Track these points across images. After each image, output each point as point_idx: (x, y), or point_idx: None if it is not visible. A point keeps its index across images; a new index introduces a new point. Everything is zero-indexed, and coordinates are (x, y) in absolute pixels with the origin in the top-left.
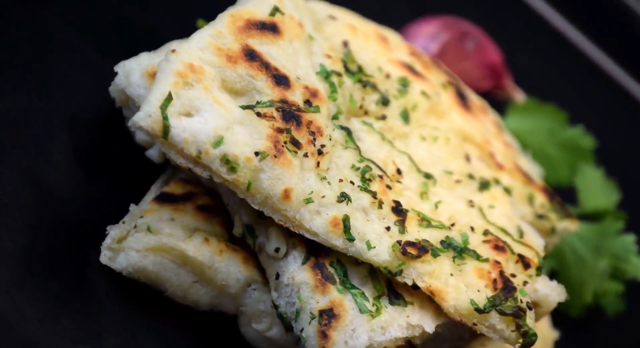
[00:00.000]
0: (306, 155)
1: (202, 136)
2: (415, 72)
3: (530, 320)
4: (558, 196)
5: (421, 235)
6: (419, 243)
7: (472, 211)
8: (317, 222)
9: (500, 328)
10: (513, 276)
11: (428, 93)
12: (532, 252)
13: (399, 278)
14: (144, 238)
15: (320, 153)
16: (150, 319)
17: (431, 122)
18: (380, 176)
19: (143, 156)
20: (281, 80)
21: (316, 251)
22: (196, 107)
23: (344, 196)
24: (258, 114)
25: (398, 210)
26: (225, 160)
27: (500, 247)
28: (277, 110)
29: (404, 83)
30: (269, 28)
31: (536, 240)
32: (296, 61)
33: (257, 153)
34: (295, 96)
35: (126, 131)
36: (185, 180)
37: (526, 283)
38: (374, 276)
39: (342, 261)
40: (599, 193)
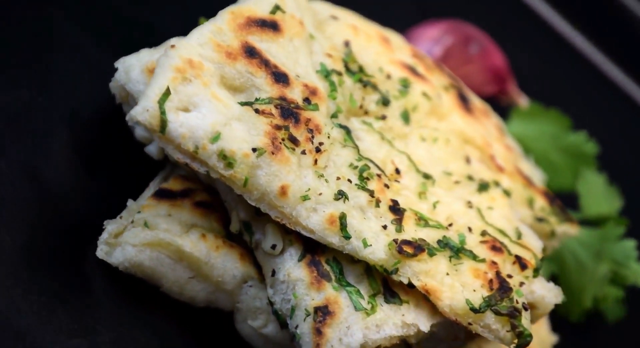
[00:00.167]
0: (304, 152)
1: (200, 131)
2: (416, 74)
3: (525, 320)
4: (559, 200)
5: (418, 234)
6: (416, 242)
7: (471, 212)
8: (314, 220)
9: (495, 328)
10: (509, 277)
11: (429, 94)
12: (530, 254)
13: (395, 276)
14: (141, 233)
15: (318, 151)
16: (146, 314)
17: (431, 123)
18: (378, 175)
19: (143, 153)
20: (280, 77)
21: (312, 248)
22: (194, 103)
23: (341, 194)
24: (256, 111)
25: (395, 209)
26: (222, 155)
27: (497, 248)
28: (276, 107)
29: (405, 84)
30: (270, 26)
31: (534, 242)
32: (296, 59)
33: (255, 149)
34: (294, 94)
35: (126, 127)
36: (184, 176)
37: (522, 284)
38: (370, 274)
39: (339, 259)
40: (601, 199)
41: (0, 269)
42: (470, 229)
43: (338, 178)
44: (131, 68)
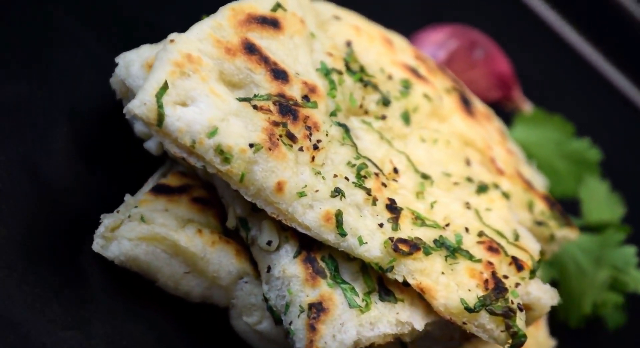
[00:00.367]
0: (301, 149)
1: (197, 126)
2: (418, 75)
3: (520, 321)
4: (559, 204)
5: (414, 233)
6: (411, 240)
7: (468, 213)
8: (310, 216)
9: (489, 328)
10: (505, 277)
11: (430, 96)
12: (527, 255)
13: (390, 274)
14: (137, 227)
15: (315, 148)
16: (141, 309)
17: (432, 125)
18: (376, 174)
19: (142, 149)
20: (280, 74)
21: (308, 245)
22: (192, 97)
23: (338, 191)
24: (254, 107)
25: (392, 207)
26: (219, 150)
27: (494, 249)
28: (274, 103)
29: (406, 85)
30: (270, 23)
31: (532, 244)
32: (296, 57)
33: (252, 145)
34: (293, 91)
35: (126, 123)
36: (182, 173)
37: (518, 285)
38: (366, 272)
39: (334, 256)
40: (603, 206)
41: None
42: (467, 230)
43: (335, 175)
44: (131, 63)
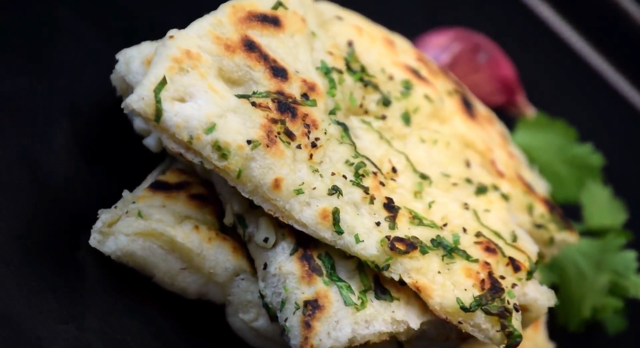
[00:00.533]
0: (299, 147)
1: (195, 122)
2: (420, 77)
3: (516, 321)
4: (559, 208)
5: (411, 232)
6: (408, 239)
7: (467, 213)
8: (307, 213)
9: (485, 327)
10: (502, 278)
11: (431, 97)
12: (524, 256)
13: (386, 273)
14: (134, 222)
15: (314, 146)
16: (137, 304)
17: (432, 126)
18: (374, 173)
19: (142, 145)
20: (279, 72)
21: (305, 243)
22: (190, 93)
23: (335, 189)
24: (253, 104)
25: (390, 206)
26: (216, 146)
27: (491, 249)
28: (273, 101)
29: (407, 86)
30: (271, 21)
31: (530, 246)
32: (296, 55)
33: (250, 141)
34: (292, 89)
35: (126, 120)
36: (181, 170)
37: (515, 285)
38: (362, 270)
39: (331, 254)
40: (605, 211)
41: None
42: (465, 230)
43: (333, 173)
44: (132, 60)
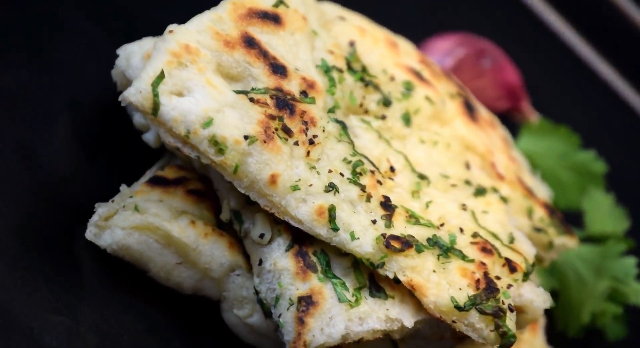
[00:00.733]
0: (297, 143)
1: (192, 116)
2: (422, 79)
3: (510, 321)
4: (559, 213)
5: (408, 231)
6: (404, 237)
7: (464, 214)
8: (303, 210)
9: (479, 327)
10: (498, 278)
11: (433, 99)
12: (521, 258)
13: (381, 270)
14: (130, 216)
15: (311, 143)
16: (132, 298)
17: (433, 128)
18: (372, 171)
19: (142, 141)
20: (278, 69)
21: (301, 240)
22: (188, 87)
23: (332, 186)
24: (251, 100)
25: (386, 205)
26: (213, 141)
27: (487, 250)
28: (271, 97)
29: (409, 87)
30: (271, 18)
31: (527, 248)
32: (296, 53)
33: (247, 137)
34: (291, 86)
35: (126, 115)
36: (180, 166)
37: (510, 286)
38: (357, 268)
39: (326, 251)
40: (607, 218)
41: None
42: (461, 230)
43: (330, 171)
44: (132, 55)
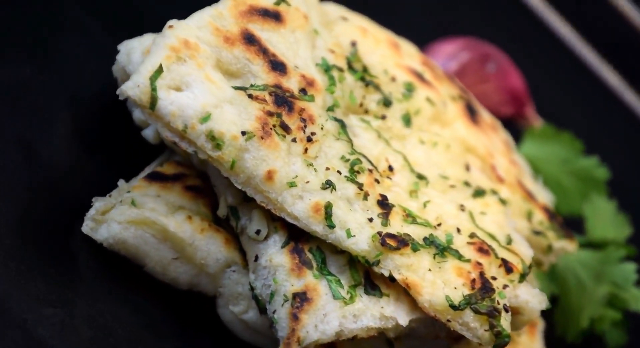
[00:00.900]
0: (294, 140)
1: (190, 111)
2: (423, 80)
3: (505, 321)
4: (559, 217)
5: (404, 230)
6: (400, 236)
7: (462, 215)
8: (299, 207)
9: (473, 326)
10: (494, 278)
11: (434, 100)
12: (517, 259)
13: (376, 268)
14: (127, 210)
15: (309, 140)
16: (127, 293)
17: (433, 129)
18: (369, 170)
19: (142, 137)
20: (278, 66)
21: (297, 236)
22: (187, 82)
23: (329, 184)
24: (250, 96)
25: (383, 203)
26: (210, 136)
27: (484, 250)
28: (270, 94)
29: (409, 88)
30: (272, 16)
31: (524, 249)
32: (296, 51)
33: (244, 132)
34: (290, 83)
35: (127, 111)
36: (178, 162)
37: (506, 287)
38: (353, 266)
39: (322, 248)
40: (609, 225)
41: None
42: (459, 230)
43: (327, 168)
44: (133, 50)
